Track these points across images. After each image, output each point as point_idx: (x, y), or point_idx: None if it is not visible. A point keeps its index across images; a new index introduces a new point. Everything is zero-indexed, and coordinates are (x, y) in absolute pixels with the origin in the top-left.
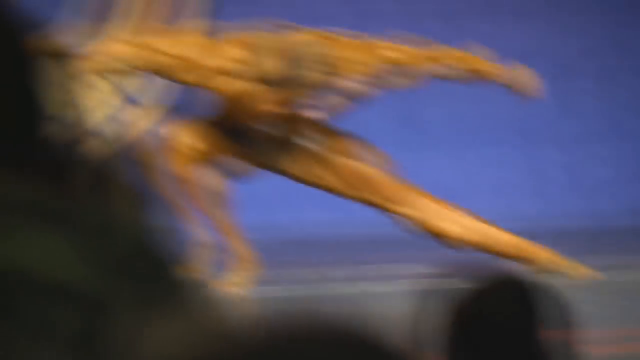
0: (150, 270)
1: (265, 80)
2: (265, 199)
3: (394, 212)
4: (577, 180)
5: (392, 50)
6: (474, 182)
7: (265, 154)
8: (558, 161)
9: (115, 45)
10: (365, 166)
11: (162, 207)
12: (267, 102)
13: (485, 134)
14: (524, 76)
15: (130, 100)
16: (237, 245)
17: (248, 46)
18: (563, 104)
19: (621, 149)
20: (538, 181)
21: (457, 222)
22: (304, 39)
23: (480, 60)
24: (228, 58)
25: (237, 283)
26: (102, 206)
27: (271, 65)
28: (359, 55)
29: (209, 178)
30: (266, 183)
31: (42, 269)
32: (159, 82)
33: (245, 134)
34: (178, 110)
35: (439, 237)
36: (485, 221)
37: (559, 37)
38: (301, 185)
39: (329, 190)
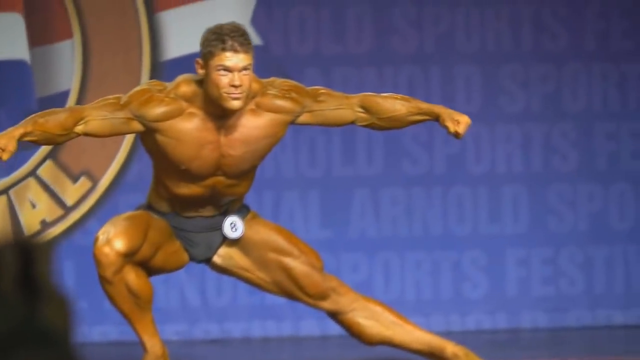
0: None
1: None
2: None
3: (316, 307)
4: None
5: None
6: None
7: (199, 246)
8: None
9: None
10: (289, 260)
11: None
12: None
13: None
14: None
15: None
16: (151, 342)
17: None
18: None
19: None
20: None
21: (373, 318)
22: None
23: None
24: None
25: None
26: None
27: None
28: None
29: (134, 278)
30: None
31: None
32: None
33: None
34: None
35: (355, 332)
36: (401, 316)
37: None
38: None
39: (256, 285)
